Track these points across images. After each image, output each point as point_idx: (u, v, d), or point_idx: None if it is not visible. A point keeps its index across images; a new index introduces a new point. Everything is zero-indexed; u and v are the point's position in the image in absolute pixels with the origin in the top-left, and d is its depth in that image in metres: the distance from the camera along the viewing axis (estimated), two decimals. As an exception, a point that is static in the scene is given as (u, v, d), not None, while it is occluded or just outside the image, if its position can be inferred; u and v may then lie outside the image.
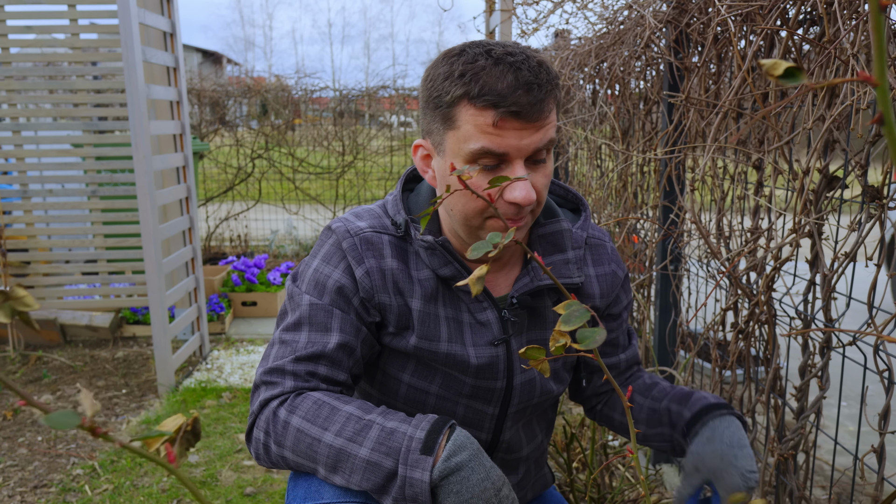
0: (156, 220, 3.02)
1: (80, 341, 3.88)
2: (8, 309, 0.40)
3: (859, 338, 1.30)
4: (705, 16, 1.78)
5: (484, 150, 0.97)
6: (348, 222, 1.13)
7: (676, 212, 2.13)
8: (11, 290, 0.40)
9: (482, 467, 0.92)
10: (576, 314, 0.55)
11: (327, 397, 1.01)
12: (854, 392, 2.91)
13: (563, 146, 3.62)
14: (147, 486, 2.34)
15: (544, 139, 0.99)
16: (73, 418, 0.37)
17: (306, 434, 0.98)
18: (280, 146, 6.35)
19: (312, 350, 1.05)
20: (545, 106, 0.97)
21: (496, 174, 0.99)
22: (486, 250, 0.58)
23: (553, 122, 1.01)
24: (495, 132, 0.96)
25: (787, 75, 0.49)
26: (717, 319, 1.89)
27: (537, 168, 1.02)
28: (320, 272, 1.10)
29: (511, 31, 2.94)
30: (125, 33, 2.78)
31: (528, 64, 0.97)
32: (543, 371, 0.67)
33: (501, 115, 0.95)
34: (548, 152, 1.03)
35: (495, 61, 0.96)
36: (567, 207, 1.25)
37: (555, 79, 1.01)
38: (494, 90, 0.95)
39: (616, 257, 1.26)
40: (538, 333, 1.18)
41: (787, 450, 1.57)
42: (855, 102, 1.21)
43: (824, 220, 1.43)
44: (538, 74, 0.97)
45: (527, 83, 0.95)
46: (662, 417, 1.19)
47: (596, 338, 0.55)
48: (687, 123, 1.93)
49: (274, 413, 1.02)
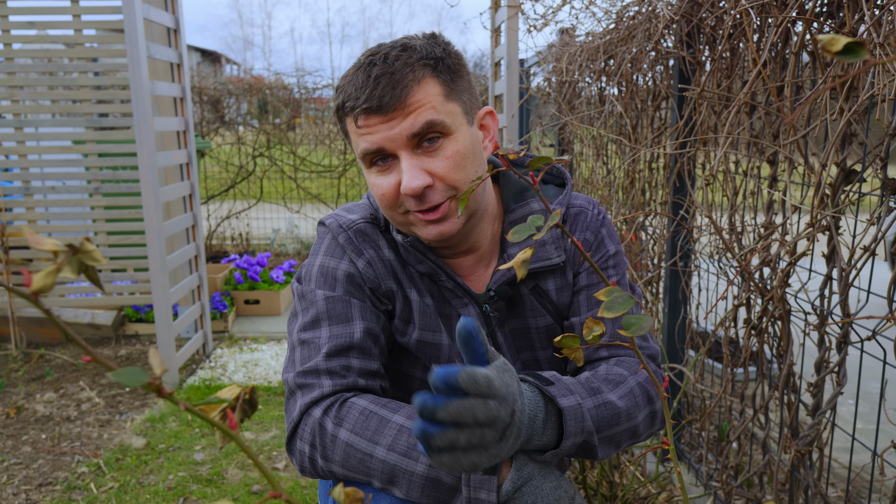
0: (160, 217, 3.00)
1: (82, 339, 3.85)
2: (76, 262, 0.38)
3: (879, 332, 1.29)
4: (719, 9, 1.77)
5: (363, 151, 1.00)
6: (340, 217, 1.13)
7: (687, 207, 2.12)
8: (81, 244, 0.38)
9: (552, 475, 0.90)
10: (619, 301, 0.53)
11: (374, 405, 0.97)
12: (864, 391, 2.90)
13: (569, 143, 3.61)
14: (153, 483, 2.32)
15: (417, 123, 0.96)
16: (141, 375, 0.36)
17: (356, 449, 0.94)
18: (281, 144, 6.33)
19: (340, 343, 1.03)
20: (402, 91, 0.96)
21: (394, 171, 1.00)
22: (529, 233, 0.56)
23: (428, 102, 0.97)
24: (365, 131, 0.99)
25: (846, 51, 0.47)
26: (730, 315, 1.88)
27: (431, 152, 0.99)
28: (327, 266, 1.09)
29: (518, 27, 2.93)
30: (129, 29, 2.76)
31: (385, 57, 0.97)
32: (577, 360, 0.65)
33: (360, 114, 0.97)
34: (444, 134, 0.99)
35: (357, 67, 1.00)
36: (554, 183, 1.21)
37: (424, 58, 0.98)
38: (351, 94, 0.98)
39: (594, 225, 1.15)
40: (518, 322, 1.15)
41: (803, 446, 1.56)
42: (877, 93, 1.20)
43: (841, 215, 1.42)
44: (394, 62, 0.97)
45: (377, 77, 0.96)
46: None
47: (643, 324, 0.54)
48: (698, 118, 1.91)
49: (320, 425, 0.97)
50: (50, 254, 0.38)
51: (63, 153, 3.44)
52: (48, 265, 1.52)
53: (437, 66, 0.99)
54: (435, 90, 0.98)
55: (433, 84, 0.98)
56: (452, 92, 1.01)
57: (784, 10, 1.44)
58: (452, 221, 1.02)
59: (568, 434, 0.88)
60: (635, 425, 1.01)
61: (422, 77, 0.97)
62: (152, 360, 0.40)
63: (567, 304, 1.16)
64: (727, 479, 1.99)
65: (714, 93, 1.81)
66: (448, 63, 1.01)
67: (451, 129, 0.99)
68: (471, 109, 1.05)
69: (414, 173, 0.97)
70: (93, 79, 3.38)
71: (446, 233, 1.02)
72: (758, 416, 1.85)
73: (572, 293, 1.16)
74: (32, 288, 0.36)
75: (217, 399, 0.45)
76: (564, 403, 0.88)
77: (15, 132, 3.40)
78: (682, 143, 2.06)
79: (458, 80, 1.03)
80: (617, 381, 1.02)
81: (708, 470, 2.14)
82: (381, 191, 1.02)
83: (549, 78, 3.41)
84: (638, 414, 1.01)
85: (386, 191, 1.01)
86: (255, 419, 2.84)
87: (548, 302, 1.14)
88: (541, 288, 1.14)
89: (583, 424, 0.90)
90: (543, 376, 0.93)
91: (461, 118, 1.02)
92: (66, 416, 2.86)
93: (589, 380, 0.99)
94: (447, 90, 1.00)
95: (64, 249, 0.38)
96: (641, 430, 1.03)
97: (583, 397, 0.93)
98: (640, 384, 1.03)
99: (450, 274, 1.10)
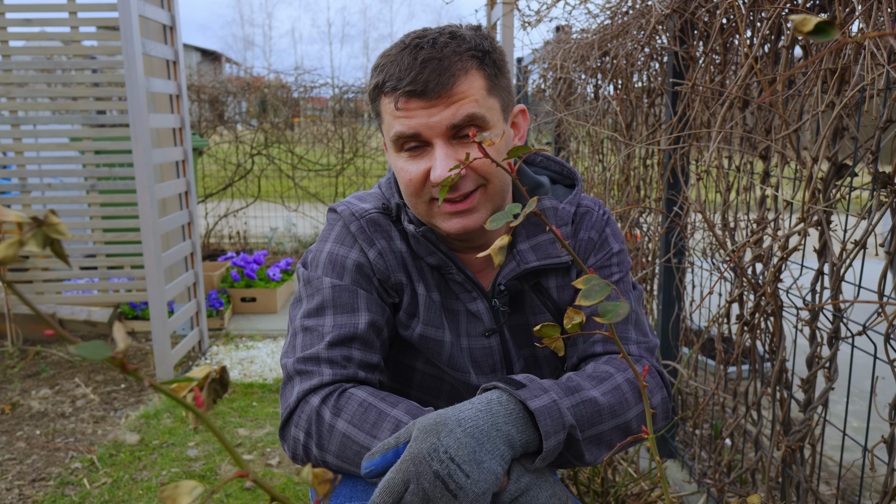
0: (155, 214, 2.99)
1: (78, 336, 3.85)
2: (41, 235, 0.37)
3: (870, 327, 1.29)
4: (711, 3, 1.77)
5: (398, 134, 0.98)
6: (352, 205, 1.11)
7: (681, 203, 2.12)
8: (46, 216, 0.38)
9: (548, 483, 0.89)
10: (596, 288, 0.53)
11: (373, 397, 0.96)
12: (856, 388, 2.89)
13: (565, 141, 3.60)
14: (146, 479, 2.32)
15: (459, 114, 0.96)
16: (104, 349, 0.35)
17: (353, 440, 0.93)
18: (280, 143, 6.33)
19: (344, 333, 1.01)
20: (449, 79, 0.94)
21: (426, 158, 0.99)
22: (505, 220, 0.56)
23: (472, 95, 0.96)
24: (403, 114, 0.97)
25: (817, 31, 0.47)
26: (722, 312, 1.87)
27: (468, 144, 0.98)
28: (336, 253, 1.07)
29: (513, 23, 2.93)
30: (125, 26, 2.76)
31: (434, 42, 0.96)
32: (557, 349, 0.65)
33: (401, 96, 0.96)
34: (481, 128, 0.98)
35: (402, 47, 0.98)
36: (563, 184, 1.21)
37: (472, 49, 0.97)
38: (394, 74, 0.96)
39: (599, 224, 1.15)
40: (518, 318, 1.15)
41: (794, 441, 1.55)
42: (867, 87, 1.19)
43: (833, 209, 1.42)
44: (443, 49, 0.95)
45: (424, 61, 0.94)
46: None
47: (619, 311, 0.53)
48: (691, 114, 1.91)
49: (317, 413, 0.96)
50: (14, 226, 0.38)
51: (60, 150, 3.44)
52: (45, 263, 1.52)
53: (484, 59, 0.99)
54: (479, 83, 0.98)
55: (478, 77, 0.98)
56: (495, 87, 1.00)
57: (775, 3, 1.43)
58: (478, 215, 1.02)
59: (546, 433, 0.86)
60: (625, 422, 0.97)
61: (469, 68, 0.97)
62: (116, 334, 0.40)
63: (568, 301, 1.15)
64: (720, 476, 1.99)
65: (707, 87, 1.81)
66: (494, 58, 1.01)
67: (490, 124, 0.99)
68: (508, 106, 1.05)
69: (448, 163, 0.96)
70: (90, 76, 3.37)
71: (470, 226, 1.02)
72: (750, 413, 1.85)
73: (574, 291, 1.15)
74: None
75: (186, 378, 0.44)
76: (535, 405, 0.86)
77: (12, 129, 3.40)
78: (676, 138, 2.06)
79: (501, 77, 1.02)
80: (601, 377, 0.99)
81: (701, 467, 2.14)
82: (408, 175, 1.01)
83: (545, 75, 3.40)
84: (627, 411, 0.97)
85: (414, 176, 1.00)
86: (249, 416, 2.84)
87: (548, 299, 1.13)
88: (542, 285, 1.13)
89: (562, 421, 0.87)
90: (515, 380, 0.91)
91: (499, 114, 1.02)
92: (61, 413, 2.86)
93: (570, 378, 0.98)
94: (490, 84, 0.99)
95: (28, 221, 0.38)
96: (636, 429, 0.99)
97: (560, 396, 0.90)
98: (629, 381, 1.00)
99: (460, 266, 1.09)
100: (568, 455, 0.93)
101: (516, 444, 0.85)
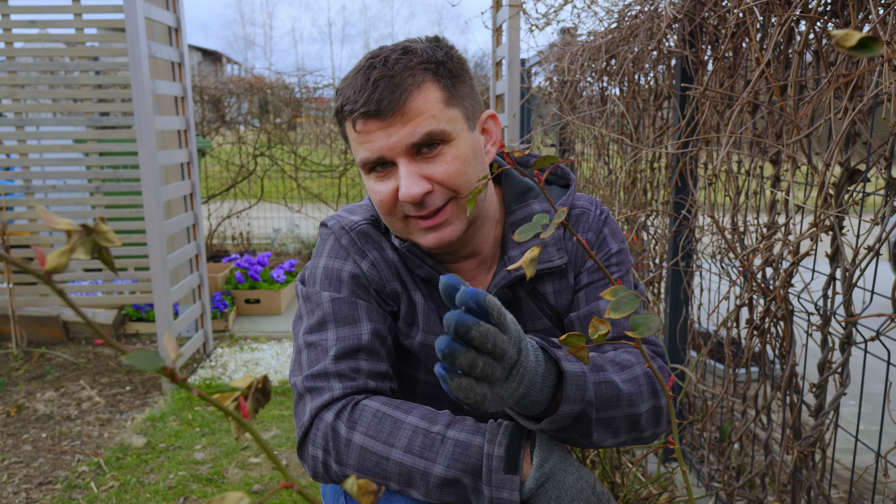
0: (161, 217, 2.99)
1: (82, 338, 3.85)
2: (90, 243, 0.37)
3: (884, 332, 1.28)
4: (722, 8, 1.76)
5: (363, 161, 0.98)
6: (342, 218, 1.11)
7: (689, 207, 2.11)
8: (95, 224, 0.37)
9: (573, 467, 0.89)
10: (625, 301, 0.53)
11: (387, 407, 0.96)
12: (867, 392, 2.89)
13: (570, 142, 3.60)
14: (153, 483, 2.32)
15: (416, 133, 0.94)
16: (155, 360, 0.35)
17: (372, 452, 0.93)
18: (282, 144, 6.32)
19: (348, 345, 1.01)
20: (401, 96, 0.93)
21: (393, 177, 0.99)
22: (535, 232, 0.56)
23: (428, 110, 0.95)
24: (364, 138, 0.97)
25: (860, 46, 0.47)
26: (731, 316, 1.87)
27: (431, 158, 0.97)
28: (331, 268, 1.08)
29: (519, 26, 2.92)
30: (131, 28, 2.75)
31: (385, 60, 0.95)
32: (583, 359, 0.65)
33: (358, 118, 0.95)
34: (444, 141, 0.97)
35: (357, 70, 0.97)
36: (558, 184, 1.20)
37: (424, 62, 0.96)
38: (350, 97, 0.96)
39: (597, 225, 1.13)
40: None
41: (806, 447, 1.55)
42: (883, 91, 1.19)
43: (845, 215, 1.41)
44: (394, 66, 0.94)
45: (376, 80, 0.93)
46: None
47: (650, 325, 0.53)
48: (700, 118, 1.91)
49: (333, 429, 0.96)
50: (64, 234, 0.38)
51: (64, 152, 3.44)
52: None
53: (437, 70, 0.97)
54: (435, 96, 0.96)
55: (433, 89, 0.96)
56: (453, 97, 0.98)
57: (788, 8, 1.43)
58: (453, 228, 1.01)
59: (567, 398, 0.84)
60: (636, 414, 0.95)
61: (422, 81, 0.95)
62: (167, 344, 0.39)
63: (566, 306, 1.13)
64: (729, 479, 1.98)
65: (717, 92, 1.80)
66: (450, 67, 0.99)
67: (452, 136, 0.97)
68: (472, 114, 1.03)
69: (412, 180, 0.95)
70: (94, 78, 3.37)
71: (446, 239, 1.01)
72: (760, 417, 1.85)
73: (573, 293, 1.14)
74: (46, 267, 0.35)
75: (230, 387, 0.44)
76: (568, 367, 0.85)
77: (16, 131, 3.40)
78: (685, 142, 2.05)
79: (460, 85, 1.00)
80: (623, 364, 0.98)
81: (710, 471, 2.13)
82: (379, 196, 1.00)
83: (551, 77, 3.40)
84: (641, 403, 0.96)
85: (384, 197, 1.00)
86: (256, 419, 2.83)
87: (545, 305, 1.12)
88: (538, 291, 1.12)
89: (584, 393, 0.86)
90: (552, 339, 0.92)
91: (462, 124, 1.00)
92: (67, 415, 2.85)
93: (594, 358, 0.96)
94: (448, 95, 0.98)
95: (78, 229, 0.37)
96: (644, 425, 0.98)
97: (588, 370, 0.90)
98: (646, 374, 0.99)
99: None
100: (573, 432, 0.91)
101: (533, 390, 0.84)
